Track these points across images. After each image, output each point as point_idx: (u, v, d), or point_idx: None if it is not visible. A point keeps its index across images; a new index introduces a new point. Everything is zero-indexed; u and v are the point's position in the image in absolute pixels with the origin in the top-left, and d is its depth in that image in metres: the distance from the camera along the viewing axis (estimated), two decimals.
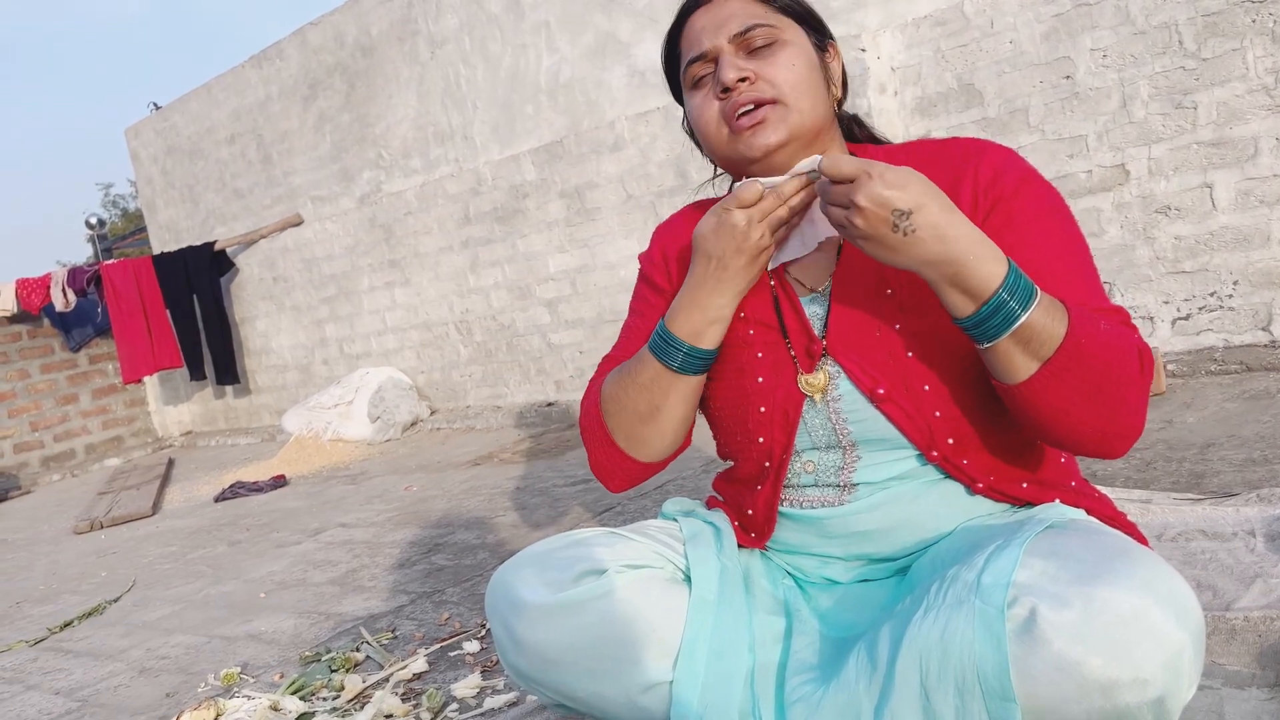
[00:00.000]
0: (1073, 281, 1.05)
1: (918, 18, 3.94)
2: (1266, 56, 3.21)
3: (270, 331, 7.60)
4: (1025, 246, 1.06)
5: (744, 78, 1.14)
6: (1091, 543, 0.92)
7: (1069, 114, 3.63)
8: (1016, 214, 1.09)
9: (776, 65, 1.14)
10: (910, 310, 1.11)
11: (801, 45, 1.17)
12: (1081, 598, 0.83)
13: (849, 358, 1.13)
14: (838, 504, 1.15)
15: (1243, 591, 1.61)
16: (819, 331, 1.16)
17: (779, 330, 1.19)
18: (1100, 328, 0.99)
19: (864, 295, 1.14)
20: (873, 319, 1.13)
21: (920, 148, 1.21)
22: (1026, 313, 0.95)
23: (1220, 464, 2.40)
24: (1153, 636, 0.82)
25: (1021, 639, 0.84)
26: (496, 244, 5.80)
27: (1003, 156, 1.13)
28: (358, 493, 4.53)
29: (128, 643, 2.83)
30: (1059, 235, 1.09)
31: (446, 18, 5.79)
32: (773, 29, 1.15)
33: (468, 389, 6.24)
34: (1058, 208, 1.11)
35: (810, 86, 1.15)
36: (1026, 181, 1.11)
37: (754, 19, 1.15)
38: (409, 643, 2.31)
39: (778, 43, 1.15)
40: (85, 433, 8.10)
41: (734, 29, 1.15)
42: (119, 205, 30.81)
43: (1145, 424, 1.03)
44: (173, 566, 3.74)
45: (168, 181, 8.29)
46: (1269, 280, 3.33)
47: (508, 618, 1.12)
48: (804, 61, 1.16)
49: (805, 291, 1.20)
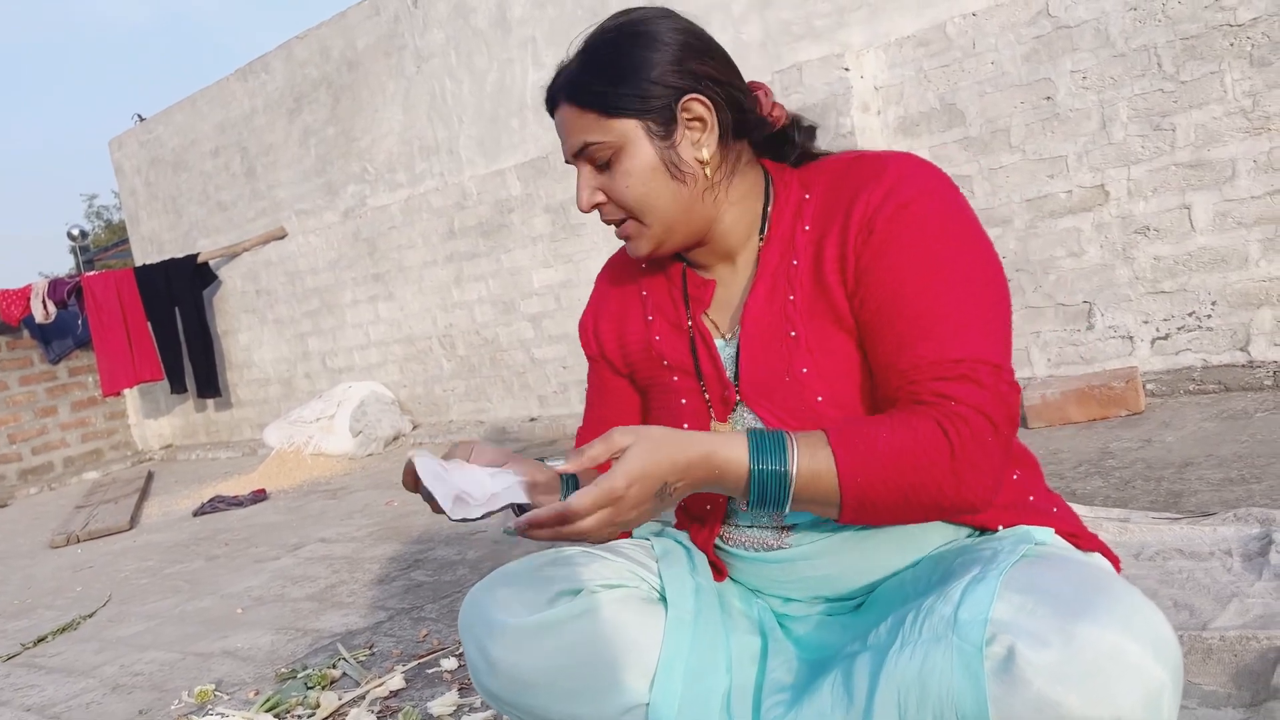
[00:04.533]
0: (935, 335, 1.00)
1: (901, 38, 3.98)
2: (1244, 79, 3.25)
3: (252, 344, 7.56)
4: (884, 285, 1.03)
5: (596, 203, 1.14)
6: (1069, 575, 0.91)
7: (1049, 134, 3.66)
8: (889, 245, 1.04)
9: (615, 184, 1.12)
10: (815, 350, 1.09)
11: (638, 152, 1.10)
12: (1061, 635, 0.82)
13: (761, 405, 1.12)
14: (778, 546, 1.14)
15: (1219, 611, 1.62)
16: (732, 377, 1.15)
17: (696, 375, 1.18)
18: (879, 445, 0.96)
19: (771, 338, 1.12)
20: (780, 362, 1.11)
21: (830, 168, 1.16)
22: (792, 491, 0.97)
23: (1198, 483, 2.41)
24: (1133, 674, 0.81)
25: (1000, 678, 0.83)
26: (481, 258, 5.79)
27: (897, 175, 1.06)
28: (338, 507, 4.50)
29: (101, 659, 2.79)
30: (938, 275, 1.02)
31: (432, 32, 5.80)
32: (603, 145, 1.10)
33: (450, 403, 6.22)
34: (943, 232, 1.03)
35: (657, 192, 1.11)
36: (910, 205, 1.04)
37: (584, 137, 1.11)
38: (386, 659, 2.29)
39: (613, 157, 1.11)
40: (64, 445, 8.03)
41: (573, 148, 1.13)
42: (103, 216, 30.65)
43: (996, 482, 0.99)
44: (149, 581, 3.70)
45: (151, 193, 8.25)
46: (1246, 301, 3.36)
47: (482, 639, 1.10)
48: (641, 170, 1.10)
49: (719, 334, 1.18)
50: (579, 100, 1.11)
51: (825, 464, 0.96)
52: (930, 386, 0.98)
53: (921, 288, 1.02)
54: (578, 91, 1.11)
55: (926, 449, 0.95)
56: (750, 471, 0.96)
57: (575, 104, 1.11)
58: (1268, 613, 1.58)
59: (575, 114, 1.11)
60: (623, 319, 1.29)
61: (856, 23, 4.15)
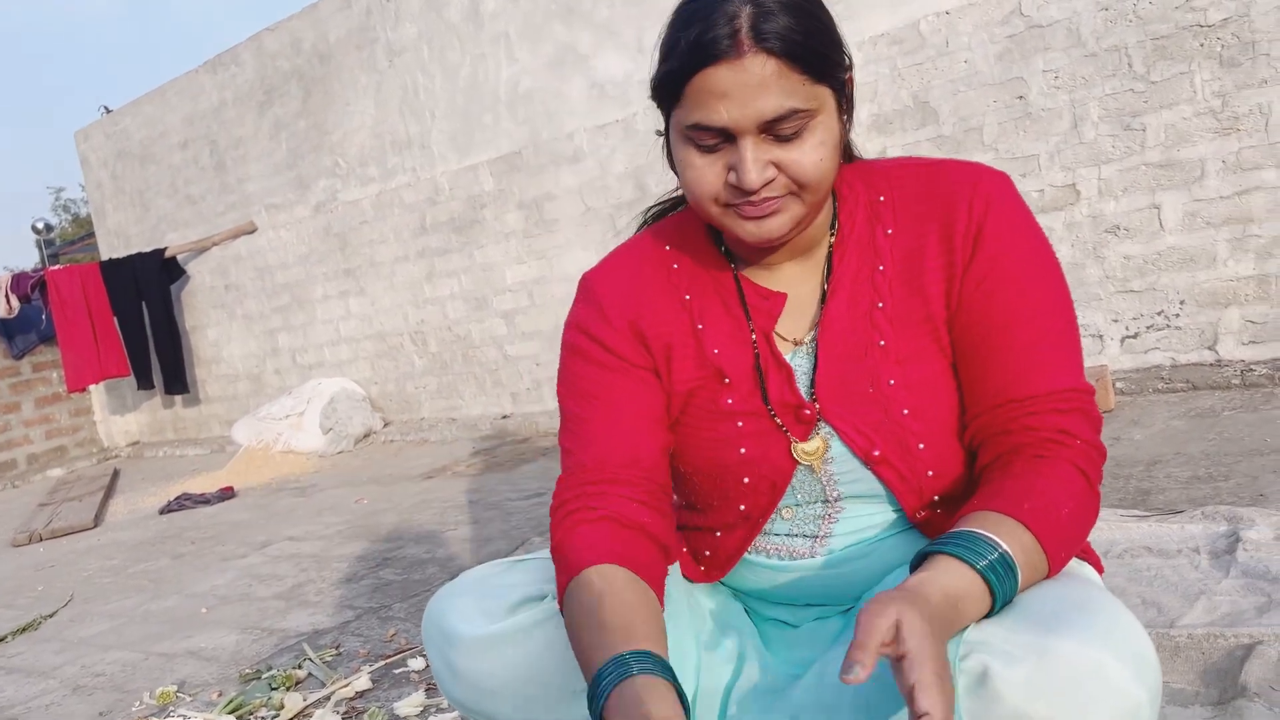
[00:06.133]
0: (1045, 366, 1.00)
1: (874, 35, 3.98)
2: (1214, 80, 3.28)
3: (221, 340, 7.47)
4: (994, 309, 1.01)
5: (768, 180, 0.97)
6: (1049, 591, 0.90)
7: (1022, 134, 3.67)
8: (997, 266, 1.02)
9: (804, 152, 0.96)
10: (906, 361, 1.04)
11: (830, 120, 0.98)
12: (1036, 651, 0.81)
13: (843, 419, 1.05)
14: (809, 555, 1.10)
15: (1187, 609, 1.62)
16: (806, 390, 1.06)
17: (761, 395, 1.07)
18: (1063, 516, 0.93)
19: (854, 346, 1.05)
20: (864, 373, 1.04)
21: (910, 173, 1.09)
22: (1018, 585, 0.89)
23: (1166, 481, 2.42)
24: (1110, 692, 0.80)
25: (976, 694, 0.82)
26: (453, 254, 5.75)
27: (993, 190, 1.03)
28: (307, 505, 4.45)
29: (62, 659, 2.74)
30: (1042, 303, 1.02)
31: (405, 26, 5.75)
32: (808, 114, 0.95)
33: (422, 400, 6.17)
34: (1040, 254, 1.03)
35: (833, 167, 0.99)
36: (1014, 225, 1.02)
37: (790, 103, 0.93)
38: (353, 659, 2.26)
39: (804, 127, 0.96)
40: (27, 442, 7.89)
41: (766, 114, 0.93)
42: (70, 210, 30.24)
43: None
44: (113, 580, 3.64)
45: (118, 186, 8.13)
46: (1215, 300, 3.39)
47: (443, 649, 1.08)
48: (833, 140, 0.98)
49: (788, 346, 1.09)
50: (794, 56, 0.93)
51: (1037, 555, 0.91)
52: (1048, 420, 0.98)
53: (1032, 315, 1.01)
54: (794, 47, 0.93)
55: (1086, 504, 0.97)
56: (995, 597, 0.87)
57: (788, 59, 0.92)
58: (1235, 610, 1.59)
59: (782, 71, 0.93)
60: (666, 325, 1.11)
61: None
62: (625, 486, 1.05)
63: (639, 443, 1.08)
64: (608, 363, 1.11)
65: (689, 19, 0.96)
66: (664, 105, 1.02)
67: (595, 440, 1.08)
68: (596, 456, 1.07)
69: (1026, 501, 0.93)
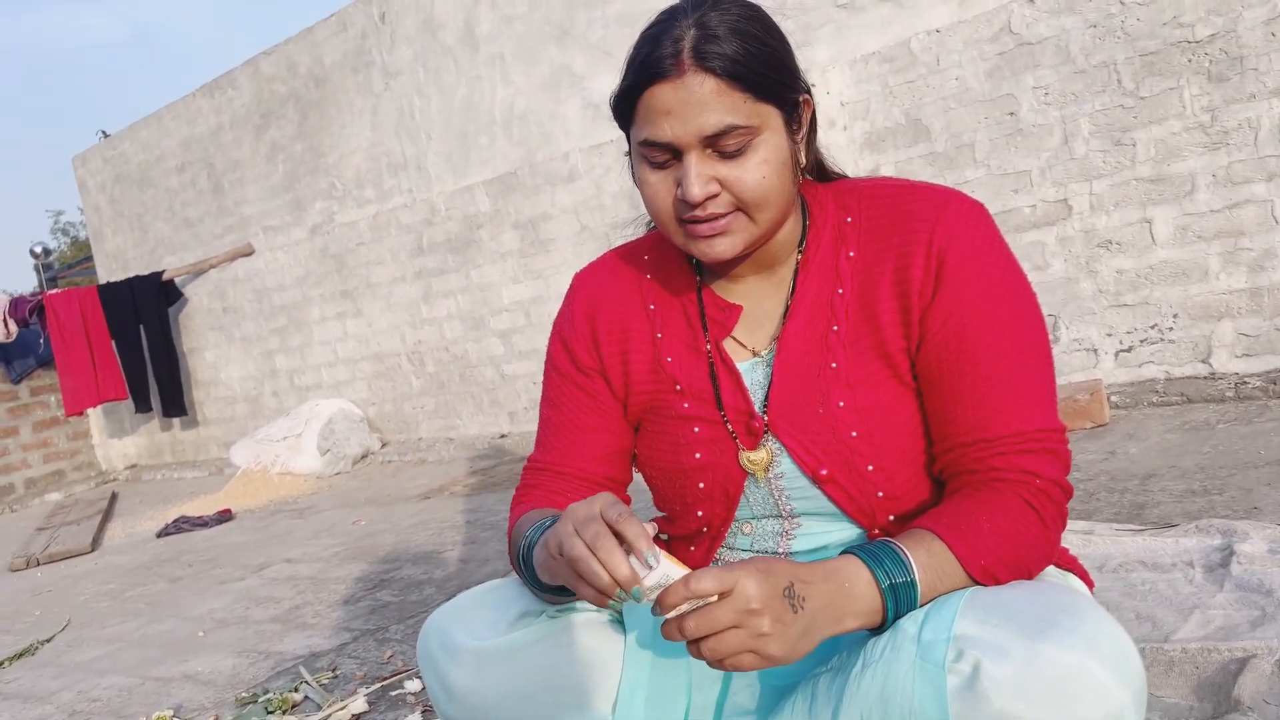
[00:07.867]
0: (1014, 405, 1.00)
1: (866, 54, 4.01)
2: (1202, 95, 3.30)
3: (219, 362, 7.47)
4: (958, 346, 1.02)
5: (711, 194, 1.00)
6: (1035, 596, 0.90)
7: (1013, 150, 3.70)
8: (960, 300, 1.02)
9: (746, 170, 0.99)
10: (856, 385, 1.05)
11: (776, 139, 1.01)
12: (1024, 654, 0.82)
13: (792, 436, 1.07)
14: None
15: (1181, 623, 1.63)
16: (759, 403, 1.09)
17: (715, 402, 1.11)
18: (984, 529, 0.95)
19: (808, 366, 1.07)
20: (816, 393, 1.06)
21: (880, 196, 1.10)
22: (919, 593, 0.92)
23: (1161, 495, 2.42)
24: (1095, 694, 0.81)
25: (963, 695, 0.83)
26: (450, 274, 5.77)
27: (959, 219, 1.03)
28: (305, 527, 4.45)
29: (59, 684, 2.73)
30: (1012, 339, 1.02)
31: (401, 49, 5.79)
32: (747, 129, 0.98)
33: (419, 420, 6.17)
34: (1009, 289, 1.04)
35: (781, 187, 1.02)
36: (978, 255, 1.03)
37: (730, 119, 0.97)
38: (350, 682, 2.26)
39: (747, 144, 0.99)
40: (25, 466, 7.89)
41: (707, 130, 0.97)
42: (69, 233, 30.23)
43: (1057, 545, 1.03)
44: (110, 604, 3.63)
45: (116, 210, 8.16)
46: (1207, 313, 3.40)
47: (440, 664, 1.09)
48: (778, 159, 1.01)
49: (745, 355, 1.12)
50: (734, 75, 0.97)
51: (943, 555, 0.93)
52: (1014, 461, 1.00)
53: (1002, 352, 1.02)
54: (734, 66, 0.97)
55: (1023, 528, 0.98)
56: (882, 589, 0.90)
57: (727, 78, 0.97)
58: (1229, 624, 1.59)
59: (722, 90, 0.97)
60: (625, 332, 1.18)
61: (822, 40, 4.18)
62: (565, 482, 1.18)
63: (587, 450, 1.19)
64: (567, 371, 1.21)
65: (642, 41, 1.02)
66: (623, 124, 1.07)
67: (553, 446, 1.20)
68: (552, 460, 1.20)
69: (945, 517, 0.97)
